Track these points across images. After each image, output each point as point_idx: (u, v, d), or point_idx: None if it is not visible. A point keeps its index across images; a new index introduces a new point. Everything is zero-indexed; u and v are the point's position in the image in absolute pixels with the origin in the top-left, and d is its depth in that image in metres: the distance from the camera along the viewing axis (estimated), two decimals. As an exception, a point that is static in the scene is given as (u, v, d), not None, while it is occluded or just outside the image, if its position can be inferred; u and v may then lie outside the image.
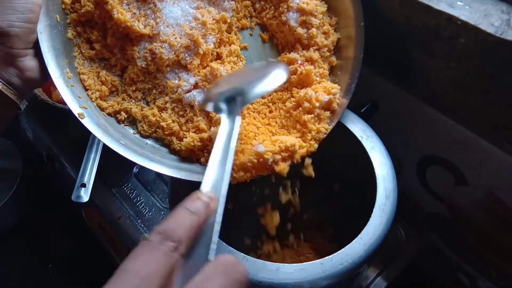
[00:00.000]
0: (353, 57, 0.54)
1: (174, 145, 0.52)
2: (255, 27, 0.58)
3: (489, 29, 0.47)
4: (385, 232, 0.48)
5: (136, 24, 0.50)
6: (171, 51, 0.52)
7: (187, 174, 0.50)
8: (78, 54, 0.53)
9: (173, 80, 0.53)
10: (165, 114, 0.52)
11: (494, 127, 0.54)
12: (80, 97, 0.50)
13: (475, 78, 0.52)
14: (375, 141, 0.56)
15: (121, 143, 0.49)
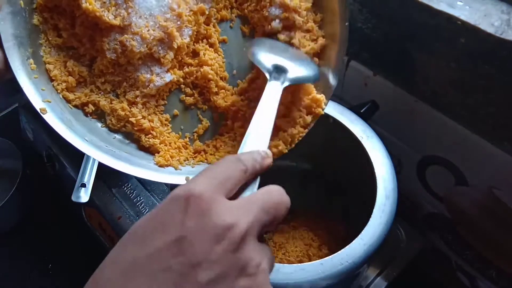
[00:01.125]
0: (335, 58, 0.49)
1: (142, 142, 0.50)
2: (235, 19, 0.54)
3: (489, 29, 0.47)
4: (385, 232, 0.48)
5: (105, 14, 0.47)
6: (143, 44, 0.49)
7: (154, 174, 0.48)
8: (45, 42, 0.49)
9: (145, 74, 0.50)
10: (135, 109, 0.50)
11: (494, 127, 0.54)
12: (43, 90, 0.47)
13: (475, 78, 0.52)
14: (375, 141, 0.56)
15: (86, 139, 0.47)
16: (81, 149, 0.45)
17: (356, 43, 0.67)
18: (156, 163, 0.49)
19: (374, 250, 0.47)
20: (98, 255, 0.93)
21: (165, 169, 0.49)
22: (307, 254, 0.61)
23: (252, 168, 0.33)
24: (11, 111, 1.03)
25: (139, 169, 0.47)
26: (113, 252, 0.30)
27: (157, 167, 0.49)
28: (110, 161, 0.46)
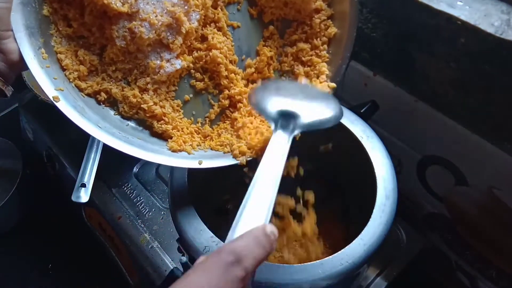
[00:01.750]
0: (346, 36, 0.51)
1: (155, 128, 0.50)
2: (243, 1, 0.54)
3: (489, 29, 0.47)
4: (385, 232, 0.48)
5: (113, 1, 0.47)
6: (151, 30, 0.49)
7: (168, 159, 0.48)
8: (55, 32, 0.49)
9: (155, 60, 0.50)
10: (147, 95, 0.50)
11: (494, 127, 0.54)
12: (56, 79, 0.47)
13: (475, 78, 0.52)
14: (375, 141, 0.56)
15: (99, 126, 0.46)
16: (94, 135, 0.45)
17: (356, 43, 0.67)
18: (169, 148, 0.49)
19: (374, 250, 0.47)
20: (98, 255, 0.94)
21: (178, 154, 0.49)
22: (307, 254, 0.61)
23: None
24: (11, 111, 1.04)
25: (152, 154, 0.47)
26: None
27: (170, 152, 0.49)
28: (124, 147, 0.46)
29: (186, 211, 0.52)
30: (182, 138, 0.50)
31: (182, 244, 0.51)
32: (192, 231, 0.50)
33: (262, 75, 0.54)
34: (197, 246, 0.48)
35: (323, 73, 0.52)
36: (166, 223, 0.74)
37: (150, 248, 0.71)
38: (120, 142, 0.46)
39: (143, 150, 0.47)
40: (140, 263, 0.71)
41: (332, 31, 0.52)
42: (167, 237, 0.72)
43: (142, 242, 0.72)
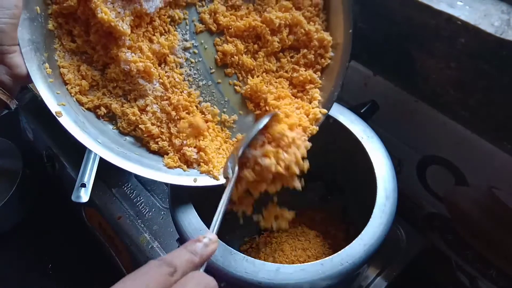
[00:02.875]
0: (339, 65, 0.53)
1: (151, 147, 0.52)
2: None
3: (489, 29, 0.47)
4: (385, 232, 0.48)
5: (120, 24, 0.48)
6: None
7: (163, 175, 0.50)
8: (59, 46, 0.51)
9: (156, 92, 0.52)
10: (145, 116, 0.51)
11: (494, 127, 0.54)
12: (58, 93, 0.49)
13: (475, 78, 0.52)
14: (375, 141, 0.56)
15: (98, 141, 0.48)
16: (94, 150, 0.47)
17: (356, 43, 0.66)
18: (165, 165, 0.51)
19: (374, 251, 0.47)
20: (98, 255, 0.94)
21: (174, 170, 0.51)
22: (306, 254, 0.61)
23: (185, 267, 0.34)
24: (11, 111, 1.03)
25: (149, 170, 0.49)
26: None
27: (166, 168, 0.51)
28: (122, 163, 0.48)
29: (186, 211, 0.52)
30: (210, 156, 0.51)
31: (182, 244, 0.51)
32: (192, 231, 0.50)
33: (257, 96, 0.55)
34: (197, 246, 0.48)
35: (315, 99, 0.53)
36: (166, 223, 0.74)
37: (150, 248, 0.71)
38: (118, 158, 0.48)
39: (140, 166, 0.49)
40: (140, 263, 0.71)
41: (326, 61, 0.54)
42: (167, 237, 0.72)
43: (142, 242, 0.72)
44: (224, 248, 0.48)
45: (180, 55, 0.53)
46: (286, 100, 0.53)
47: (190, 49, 0.54)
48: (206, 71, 0.55)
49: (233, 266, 0.46)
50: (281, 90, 0.54)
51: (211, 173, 0.51)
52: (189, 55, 0.54)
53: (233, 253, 0.47)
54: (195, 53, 0.54)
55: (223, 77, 0.56)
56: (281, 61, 0.55)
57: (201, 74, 0.55)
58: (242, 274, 0.46)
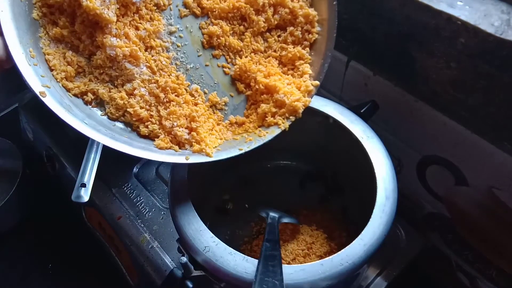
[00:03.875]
0: (326, 38, 0.53)
1: (141, 131, 0.51)
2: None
3: (489, 29, 0.47)
4: (385, 232, 0.48)
5: (106, 12, 0.48)
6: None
7: (155, 154, 0.48)
8: (44, 35, 0.50)
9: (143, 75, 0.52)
10: (133, 100, 0.50)
11: (495, 127, 0.54)
12: (43, 76, 0.47)
13: (475, 78, 0.52)
14: (375, 141, 0.56)
15: (85, 122, 0.47)
16: (80, 130, 0.45)
17: (356, 43, 0.67)
18: (156, 146, 0.50)
19: (374, 251, 0.47)
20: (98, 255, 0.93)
21: (165, 151, 0.50)
22: (307, 254, 0.61)
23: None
24: (11, 111, 1.04)
25: (139, 150, 0.48)
26: None
27: (157, 149, 0.50)
28: (110, 142, 0.46)
29: (186, 211, 0.52)
30: (202, 136, 0.50)
31: (182, 244, 0.51)
32: (192, 231, 0.50)
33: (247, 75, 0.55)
34: (197, 246, 0.48)
35: (306, 73, 0.53)
36: (166, 223, 0.74)
37: (150, 248, 0.71)
38: (106, 138, 0.46)
39: (129, 146, 0.47)
40: (140, 263, 0.71)
41: (314, 36, 0.54)
42: (167, 237, 0.72)
43: (142, 242, 0.72)
44: (224, 248, 0.48)
45: (166, 39, 0.54)
46: (276, 76, 0.53)
47: (176, 33, 0.55)
48: (193, 54, 0.55)
49: (233, 267, 0.46)
50: (270, 68, 0.54)
51: (203, 151, 0.50)
52: (175, 39, 0.54)
53: (232, 253, 0.47)
54: (180, 37, 0.55)
55: (210, 60, 0.56)
56: (269, 41, 0.56)
57: (188, 58, 0.55)
58: (242, 274, 0.46)
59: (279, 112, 0.52)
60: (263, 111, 0.52)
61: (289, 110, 0.51)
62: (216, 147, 0.51)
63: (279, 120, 0.52)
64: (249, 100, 0.55)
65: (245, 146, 0.50)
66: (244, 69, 0.54)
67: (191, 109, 0.52)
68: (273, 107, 0.52)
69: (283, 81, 0.53)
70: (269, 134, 0.51)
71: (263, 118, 0.53)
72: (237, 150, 0.50)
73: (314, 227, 0.65)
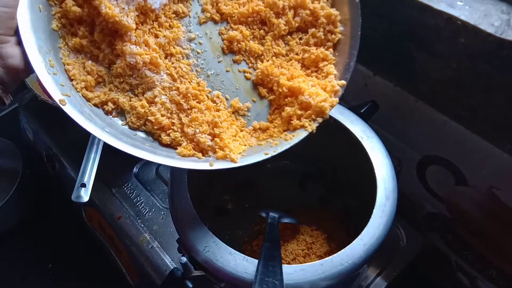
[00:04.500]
0: (350, 37, 0.52)
1: (163, 140, 0.49)
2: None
3: (489, 29, 0.47)
4: (385, 232, 0.48)
5: (125, 19, 0.48)
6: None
7: (179, 162, 0.47)
8: (64, 46, 0.50)
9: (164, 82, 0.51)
10: (154, 108, 0.50)
11: (495, 127, 0.54)
12: (62, 85, 0.47)
13: (475, 78, 0.52)
14: (375, 141, 0.56)
15: (106, 130, 0.46)
16: (102, 138, 0.44)
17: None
18: (179, 154, 0.48)
19: (374, 251, 0.47)
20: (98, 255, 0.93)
21: (188, 158, 0.48)
22: (307, 254, 0.61)
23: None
24: (11, 111, 1.04)
25: (162, 157, 0.47)
26: None
27: (180, 157, 0.48)
28: (133, 150, 0.45)
29: (186, 211, 0.52)
30: (225, 143, 0.49)
31: (182, 245, 0.51)
32: (192, 231, 0.50)
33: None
34: (197, 246, 0.48)
35: (330, 74, 0.51)
36: (166, 223, 0.74)
37: (150, 248, 0.71)
38: (128, 146, 0.45)
39: (152, 154, 0.46)
40: (140, 263, 0.71)
41: (337, 36, 0.52)
42: (167, 237, 0.72)
43: (142, 242, 0.72)
44: (224, 248, 0.48)
45: (186, 46, 0.53)
46: (299, 78, 0.51)
47: (195, 39, 0.54)
48: (213, 61, 0.54)
49: (233, 267, 0.46)
50: (293, 70, 0.52)
51: (228, 157, 0.48)
52: (195, 45, 0.54)
53: (233, 253, 0.47)
54: (200, 43, 0.54)
55: (231, 65, 0.55)
56: (290, 44, 0.54)
57: (208, 64, 0.54)
58: (242, 274, 0.46)
59: (305, 114, 0.50)
60: (288, 114, 0.50)
61: (316, 112, 0.49)
62: (241, 153, 0.49)
63: (306, 122, 0.49)
64: (273, 105, 0.53)
65: (271, 151, 0.48)
66: (266, 73, 0.53)
67: (213, 115, 0.50)
68: (298, 109, 0.50)
69: (307, 82, 0.51)
70: (295, 137, 0.49)
71: (288, 121, 0.51)
72: (262, 155, 0.48)
73: (314, 227, 0.65)
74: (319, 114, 0.49)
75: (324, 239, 0.63)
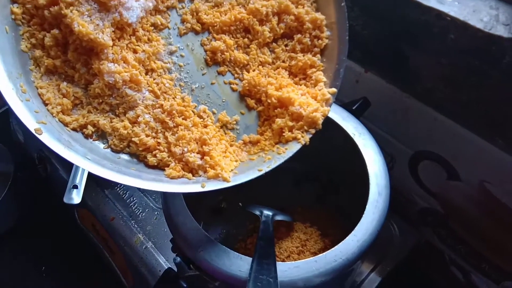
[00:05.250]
0: (337, 42, 0.50)
1: (149, 161, 0.47)
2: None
3: (478, 25, 0.47)
4: (378, 228, 0.49)
5: (100, 36, 0.45)
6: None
7: (168, 185, 0.45)
8: (35, 68, 0.46)
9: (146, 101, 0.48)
10: (138, 128, 0.47)
11: (485, 122, 0.54)
12: (37, 112, 0.43)
13: (465, 74, 0.52)
14: (367, 138, 0.56)
15: (88, 158, 0.43)
16: (82, 166, 0.42)
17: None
18: (167, 176, 0.46)
19: (367, 246, 0.47)
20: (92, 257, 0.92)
21: (178, 180, 0.46)
22: (301, 251, 0.61)
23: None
24: (2, 113, 1.03)
25: (150, 182, 0.44)
26: None
27: (169, 179, 0.46)
28: (117, 177, 0.43)
29: (180, 210, 0.52)
30: (216, 160, 0.46)
31: (176, 244, 0.51)
32: (186, 231, 0.50)
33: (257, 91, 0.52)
34: (191, 245, 0.48)
35: (320, 81, 0.50)
36: (160, 223, 0.74)
37: (144, 249, 0.71)
38: (112, 173, 0.43)
39: (139, 179, 0.44)
40: (134, 264, 0.71)
41: (324, 42, 0.51)
42: (161, 237, 0.72)
43: (136, 243, 0.72)
44: (217, 247, 0.48)
45: (167, 60, 0.51)
46: (288, 88, 0.49)
47: (176, 52, 0.51)
48: (197, 73, 0.52)
49: (227, 265, 0.46)
50: (281, 79, 0.51)
51: (220, 176, 0.45)
52: (176, 59, 0.51)
53: (226, 252, 0.47)
54: (182, 56, 0.52)
55: (216, 77, 0.52)
56: (276, 52, 0.52)
57: (192, 77, 0.51)
58: (236, 273, 0.46)
59: (297, 125, 0.48)
60: (279, 126, 0.48)
61: (308, 122, 0.48)
62: (232, 170, 0.47)
63: (298, 134, 0.48)
64: (262, 116, 0.51)
65: (264, 166, 0.46)
66: (253, 84, 0.51)
67: (201, 132, 0.48)
68: (289, 120, 0.48)
69: (296, 92, 0.49)
70: (288, 150, 0.48)
71: (279, 134, 0.49)
72: (256, 171, 0.46)
73: (308, 224, 0.65)
74: (311, 125, 0.48)
75: (318, 236, 0.63)
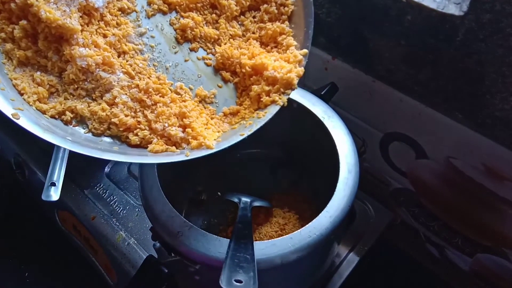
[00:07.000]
0: (303, 4, 0.52)
1: (131, 141, 0.47)
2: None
3: (431, 5, 0.50)
4: (349, 204, 0.51)
5: (68, 21, 0.45)
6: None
7: (153, 158, 0.45)
8: (7, 61, 0.47)
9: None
10: (116, 109, 0.47)
11: (445, 98, 0.57)
12: (13, 100, 0.44)
13: (423, 53, 0.55)
14: (336, 120, 0.59)
15: (68, 139, 0.43)
16: (65, 146, 0.42)
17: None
18: (151, 151, 0.46)
19: (340, 221, 0.49)
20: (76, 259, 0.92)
21: (162, 153, 0.46)
22: (280, 235, 0.62)
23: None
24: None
25: (134, 156, 0.45)
26: None
27: (153, 153, 0.46)
28: (102, 154, 0.43)
29: (158, 199, 0.52)
30: (197, 132, 0.47)
31: (155, 232, 0.52)
32: (164, 218, 0.51)
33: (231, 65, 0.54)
34: (170, 231, 0.49)
35: (291, 45, 0.51)
36: (141, 219, 0.74)
37: (127, 245, 0.71)
38: (96, 150, 0.43)
39: (123, 155, 0.45)
40: (118, 261, 0.71)
41: (290, 8, 0.53)
42: (143, 233, 0.73)
43: (118, 240, 0.72)
44: (196, 231, 0.49)
45: (138, 41, 0.52)
46: (261, 55, 0.51)
47: (146, 34, 0.53)
48: (169, 52, 0.53)
49: (206, 247, 0.47)
50: (253, 49, 0.52)
51: (203, 145, 0.46)
52: (147, 40, 0.52)
53: (205, 235, 0.48)
54: (152, 37, 0.53)
55: (189, 54, 0.54)
56: (245, 24, 0.54)
57: (165, 56, 0.52)
58: (215, 254, 0.47)
59: (273, 89, 0.49)
60: (256, 93, 0.50)
61: (283, 84, 0.49)
62: (215, 139, 0.48)
63: (276, 97, 0.49)
64: (239, 87, 0.53)
65: (246, 130, 0.47)
66: (226, 56, 0.52)
67: (180, 106, 0.48)
68: (265, 85, 0.49)
69: (269, 58, 0.51)
70: (268, 113, 0.49)
71: (258, 100, 0.50)
72: (238, 136, 0.47)
73: (287, 209, 0.67)
74: (287, 86, 0.49)
75: (296, 219, 0.65)
